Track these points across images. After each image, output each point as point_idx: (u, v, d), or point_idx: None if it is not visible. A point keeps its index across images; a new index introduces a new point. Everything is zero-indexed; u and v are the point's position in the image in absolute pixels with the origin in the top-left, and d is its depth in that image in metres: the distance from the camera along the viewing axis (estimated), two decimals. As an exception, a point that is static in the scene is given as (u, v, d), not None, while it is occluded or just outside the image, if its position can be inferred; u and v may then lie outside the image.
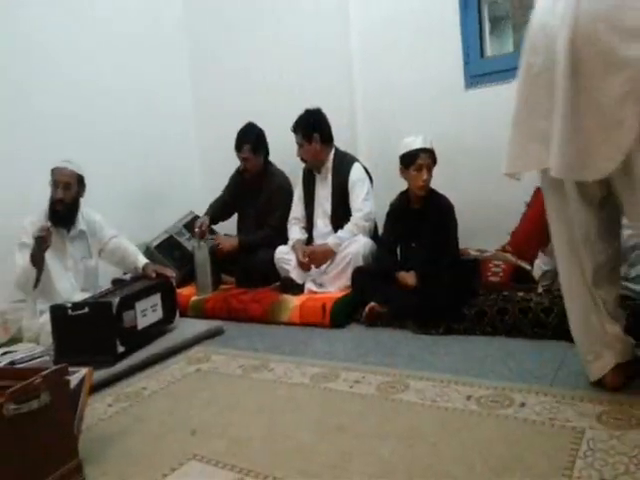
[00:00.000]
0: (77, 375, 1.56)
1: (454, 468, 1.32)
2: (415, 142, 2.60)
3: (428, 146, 2.60)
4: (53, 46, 3.21)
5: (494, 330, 2.27)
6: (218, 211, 3.51)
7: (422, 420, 1.58)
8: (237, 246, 3.29)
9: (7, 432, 1.27)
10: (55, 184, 2.61)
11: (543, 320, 2.17)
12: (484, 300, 2.40)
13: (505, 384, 1.75)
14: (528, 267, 2.58)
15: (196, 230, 3.32)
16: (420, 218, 2.67)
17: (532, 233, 2.63)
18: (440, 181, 2.68)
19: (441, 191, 2.69)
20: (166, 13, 4.00)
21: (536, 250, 2.51)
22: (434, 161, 2.62)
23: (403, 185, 2.72)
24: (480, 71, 3.04)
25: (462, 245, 2.74)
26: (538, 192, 2.71)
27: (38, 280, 2.52)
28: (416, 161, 2.57)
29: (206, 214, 3.47)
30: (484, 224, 2.89)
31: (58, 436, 1.41)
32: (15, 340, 2.54)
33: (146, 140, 3.74)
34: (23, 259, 2.48)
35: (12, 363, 2.08)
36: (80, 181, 2.69)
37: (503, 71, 2.93)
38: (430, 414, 1.61)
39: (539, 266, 2.50)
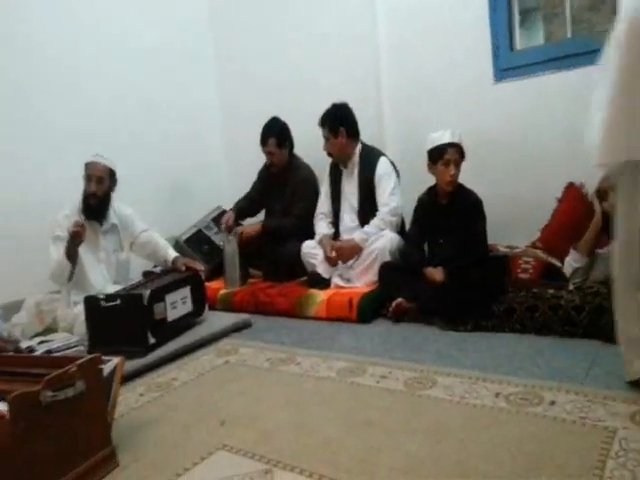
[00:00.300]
0: (110, 364, 1.60)
1: (482, 465, 1.31)
2: (443, 137, 2.57)
3: (456, 141, 2.57)
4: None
5: (523, 327, 2.23)
6: (245, 207, 3.55)
7: (450, 416, 1.58)
8: (260, 231, 3.32)
9: (44, 419, 1.32)
10: (88, 178, 2.67)
11: (574, 318, 2.13)
12: (513, 297, 2.37)
13: (535, 382, 1.73)
14: (559, 264, 2.54)
15: (222, 225, 3.38)
16: (448, 213, 2.64)
17: (564, 229, 2.58)
18: (468, 176, 2.65)
19: (469, 186, 2.66)
20: (192, 12, 4.01)
21: (567, 246, 2.46)
22: (462, 156, 2.59)
23: (430, 180, 2.70)
24: (510, 64, 2.98)
25: (491, 241, 2.70)
26: (570, 187, 2.66)
27: (72, 273, 2.58)
28: (444, 156, 2.55)
29: (232, 209, 3.51)
30: (513, 219, 2.85)
31: (93, 423, 1.46)
32: (50, 330, 2.61)
33: (173, 138, 3.80)
34: (57, 252, 2.55)
35: (49, 352, 2.15)
36: (112, 175, 2.75)
37: (533, 64, 2.88)
38: (458, 411, 1.61)
39: (570, 263, 2.44)
